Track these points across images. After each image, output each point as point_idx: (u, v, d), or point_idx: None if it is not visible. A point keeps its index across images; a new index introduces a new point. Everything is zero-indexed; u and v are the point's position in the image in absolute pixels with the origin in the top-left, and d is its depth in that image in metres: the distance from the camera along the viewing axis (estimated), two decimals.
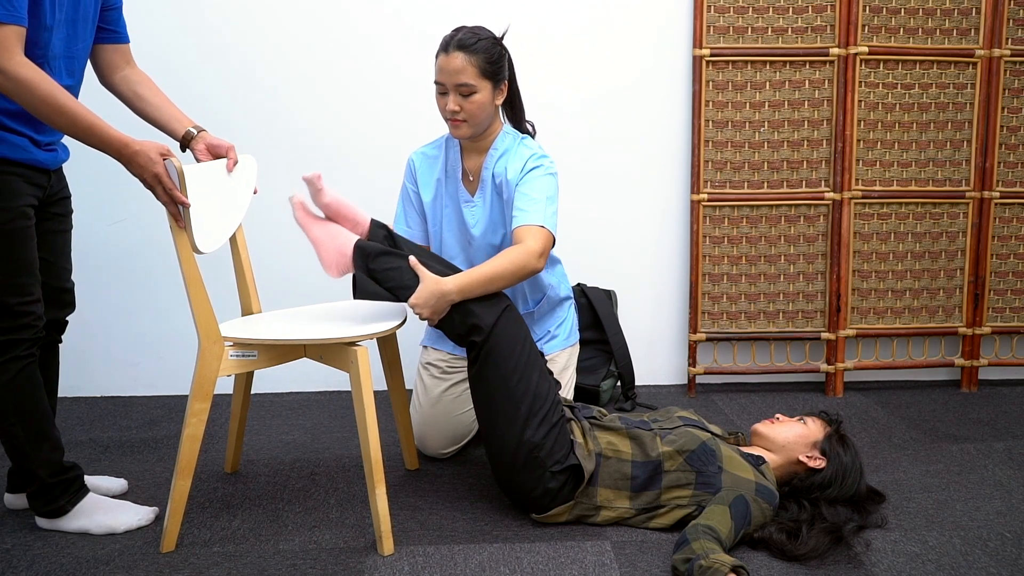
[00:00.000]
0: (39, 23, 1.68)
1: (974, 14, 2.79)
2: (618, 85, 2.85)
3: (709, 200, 2.82)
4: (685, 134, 2.87)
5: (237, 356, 1.87)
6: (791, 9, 2.76)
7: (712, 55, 2.76)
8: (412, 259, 1.90)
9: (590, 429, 1.95)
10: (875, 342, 2.96)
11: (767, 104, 2.80)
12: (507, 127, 2.21)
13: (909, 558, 1.77)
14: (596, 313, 2.78)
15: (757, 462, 1.91)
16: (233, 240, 2.11)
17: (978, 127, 2.84)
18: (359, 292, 1.92)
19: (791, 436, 1.95)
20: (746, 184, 2.83)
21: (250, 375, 2.22)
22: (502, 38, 2.13)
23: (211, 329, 1.82)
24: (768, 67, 2.78)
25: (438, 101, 2.09)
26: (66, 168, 2.06)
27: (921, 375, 3.04)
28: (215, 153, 1.99)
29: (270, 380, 2.91)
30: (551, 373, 2.02)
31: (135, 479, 2.20)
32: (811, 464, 1.91)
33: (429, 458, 2.34)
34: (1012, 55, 2.80)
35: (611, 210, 2.91)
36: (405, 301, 1.89)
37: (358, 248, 1.92)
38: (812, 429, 1.97)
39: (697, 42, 2.76)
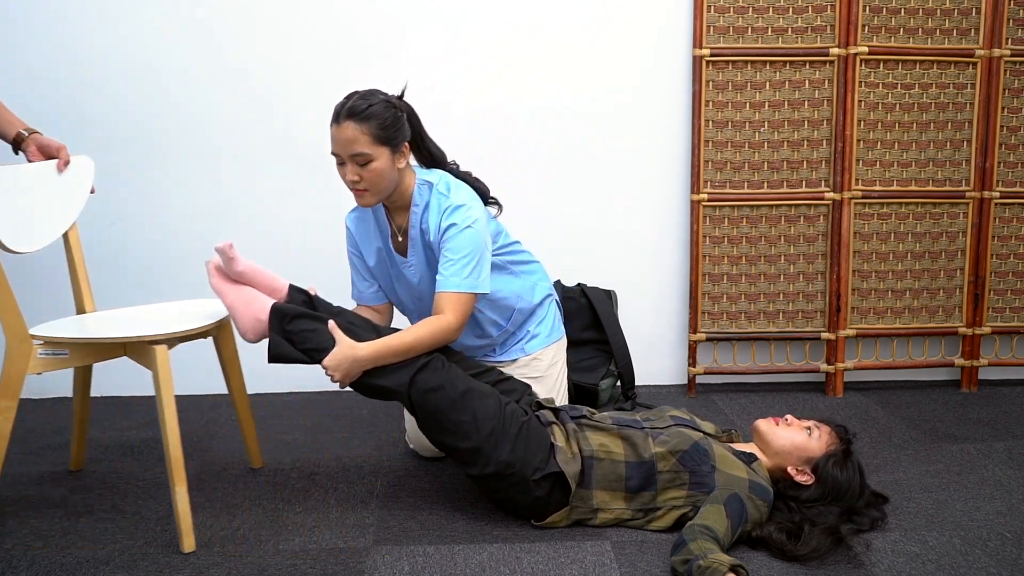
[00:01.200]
0: None
1: (974, 14, 2.79)
2: (618, 85, 2.85)
3: (709, 200, 2.82)
4: (685, 134, 2.87)
5: (47, 355, 1.86)
6: (791, 9, 2.76)
7: (712, 55, 2.76)
8: (331, 323, 1.89)
9: (578, 431, 1.93)
10: (875, 342, 2.96)
11: (767, 104, 2.80)
12: (420, 177, 2.10)
13: (909, 558, 1.77)
14: (596, 313, 2.78)
15: (749, 459, 1.90)
16: (66, 239, 2.12)
17: (978, 127, 2.84)
18: (272, 355, 1.91)
19: (787, 445, 1.92)
20: (746, 184, 2.83)
21: (87, 375, 2.22)
22: (401, 96, 2.05)
23: (17, 328, 1.81)
24: (768, 67, 2.78)
25: (338, 171, 2.01)
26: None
27: (921, 375, 3.04)
28: (46, 154, 2.03)
29: (270, 380, 2.91)
30: (505, 379, 2.05)
31: (135, 479, 2.20)
32: (797, 478, 1.89)
33: (429, 458, 2.34)
34: (1012, 55, 2.80)
35: (611, 210, 2.91)
36: (320, 363, 1.89)
37: (275, 310, 1.91)
38: (813, 444, 1.91)
39: (697, 42, 2.76)
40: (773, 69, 2.78)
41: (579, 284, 2.85)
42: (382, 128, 1.96)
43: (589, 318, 2.79)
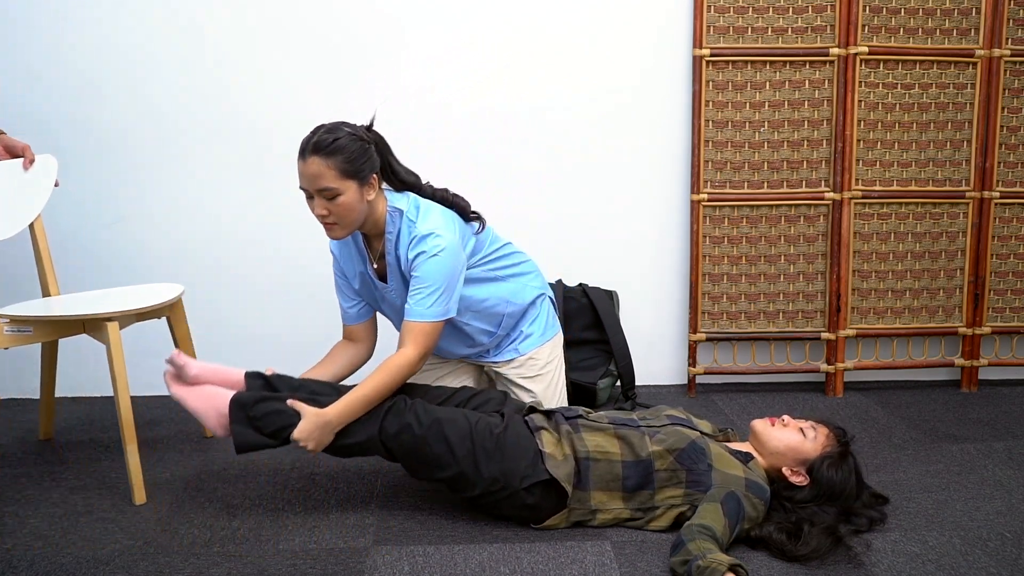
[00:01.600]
0: None
1: (974, 14, 2.79)
2: (618, 85, 2.85)
3: (709, 200, 2.82)
4: (685, 134, 2.87)
5: (13, 331, 2.09)
6: (791, 9, 2.76)
7: (712, 55, 2.76)
8: (289, 400, 1.90)
9: (572, 432, 1.93)
10: (875, 342, 2.96)
11: (767, 104, 2.80)
12: (390, 204, 2.08)
13: (909, 558, 1.77)
14: (597, 313, 2.78)
15: (746, 458, 1.91)
16: (32, 230, 2.34)
17: (978, 127, 2.84)
18: (238, 446, 1.91)
19: (782, 446, 1.92)
20: (746, 184, 2.83)
21: (54, 351, 2.43)
22: (370, 126, 2.05)
23: None
24: (768, 67, 2.78)
25: (307, 204, 2.01)
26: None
27: (921, 375, 3.04)
28: (12, 153, 2.30)
29: None
30: (477, 394, 2.06)
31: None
32: (791, 479, 1.90)
33: None
34: (1012, 55, 2.80)
35: (611, 210, 2.91)
36: (289, 440, 1.89)
37: (234, 402, 1.92)
38: (808, 445, 1.91)
39: (697, 42, 2.76)
40: (773, 69, 2.78)
41: (581, 284, 2.85)
42: (348, 162, 1.94)
43: (590, 318, 2.78)
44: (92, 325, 2.11)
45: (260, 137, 2.81)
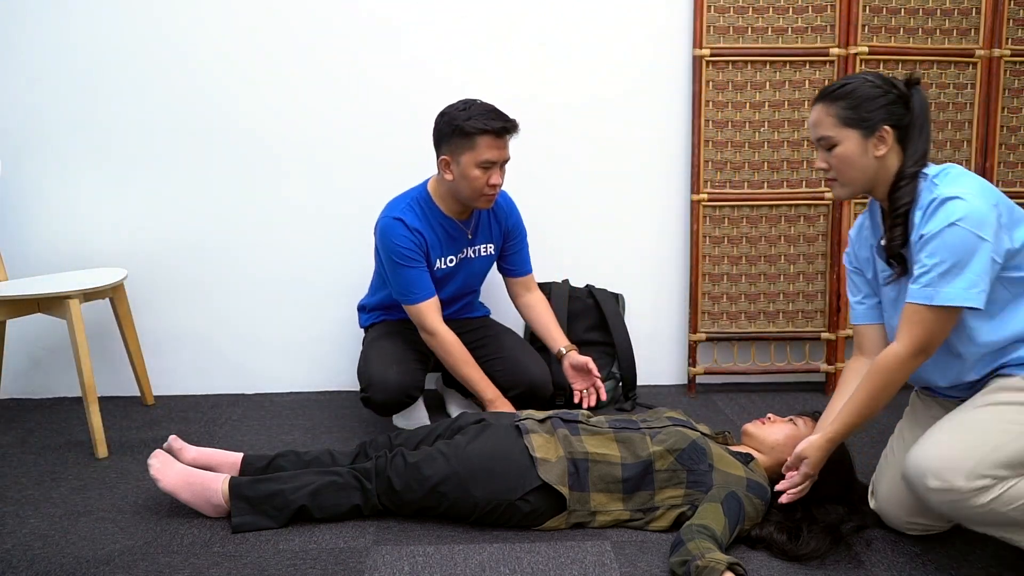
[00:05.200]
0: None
1: (974, 14, 2.79)
2: (618, 85, 2.85)
3: (709, 200, 2.82)
4: (685, 134, 2.86)
5: None
6: (791, 9, 2.76)
7: (712, 55, 2.76)
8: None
9: (568, 435, 1.93)
10: None
11: (767, 104, 2.80)
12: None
13: (909, 558, 1.77)
14: (603, 315, 2.78)
15: (746, 459, 1.92)
16: None
17: (978, 127, 2.84)
18: (236, 528, 1.90)
19: (780, 438, 1.94)
20: (746, 184, 2.83)
21: (2, 332, 2.65)
22: (914, 82, 1.74)
23: None
24: (768, 67, 2.78)
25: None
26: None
27: None
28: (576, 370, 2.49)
29: (270, 380, 2.91)
30: (455, 419, 2.06)
31: (135, 479, 2.20)
32: None
33: None
34: (1012, 55, 2.80)
35: (611, 210, 2.91)
36: (278, 525, 1.90)
37: (233, 488, 1.92)
38: (802, 431, 1.95)
39: (697, 42, 2.76)
40: (773, 69, 2.78)
41: (588, 285, 2.86)
42: (852, 108, 1.71)
43: (595, 319, 2.79)
44: (50, 304, 2.39)
45: (245, 139, 2.81)
